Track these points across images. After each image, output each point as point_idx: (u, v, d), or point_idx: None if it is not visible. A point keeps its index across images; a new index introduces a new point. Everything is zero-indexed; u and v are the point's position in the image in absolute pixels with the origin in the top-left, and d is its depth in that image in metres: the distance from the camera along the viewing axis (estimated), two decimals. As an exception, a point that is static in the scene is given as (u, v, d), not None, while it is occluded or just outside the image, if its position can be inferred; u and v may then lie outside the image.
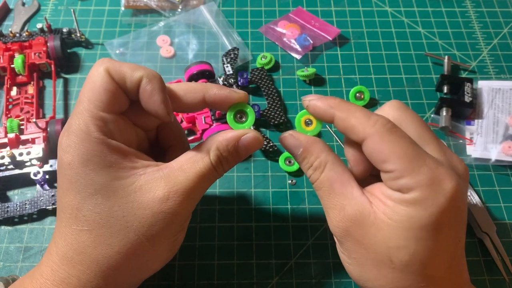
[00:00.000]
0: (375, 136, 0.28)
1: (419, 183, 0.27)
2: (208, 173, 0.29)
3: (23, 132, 0.44)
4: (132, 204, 0.28)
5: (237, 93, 0.31)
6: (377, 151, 0.28)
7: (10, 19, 0.55)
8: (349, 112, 0.29)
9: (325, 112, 0.30)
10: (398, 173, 0.27)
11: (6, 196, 0.43)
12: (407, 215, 0.27)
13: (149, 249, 0.29)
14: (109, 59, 0.29)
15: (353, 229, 0.29)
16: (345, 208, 0.29)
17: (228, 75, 0.48)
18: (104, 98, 0.28)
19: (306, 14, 0.56)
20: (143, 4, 0.56)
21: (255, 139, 0.30)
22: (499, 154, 0.45)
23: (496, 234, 0.41)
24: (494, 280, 0.39)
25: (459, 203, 0.28)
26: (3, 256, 0.39)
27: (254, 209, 0.42)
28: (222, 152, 0.30)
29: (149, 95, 0.28)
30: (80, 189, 0.28)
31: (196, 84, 0.31)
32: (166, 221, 0.28)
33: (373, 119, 0.28)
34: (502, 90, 0.49)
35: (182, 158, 0.30)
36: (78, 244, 0.28)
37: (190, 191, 0.29)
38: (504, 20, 0.57)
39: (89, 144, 0.27)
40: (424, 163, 0.27)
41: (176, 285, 0.38)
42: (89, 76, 0.28)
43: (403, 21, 0.57)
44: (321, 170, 0.30)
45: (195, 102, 0.31)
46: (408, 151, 0.27)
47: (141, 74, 0.28)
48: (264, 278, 0.39)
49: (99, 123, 0.28)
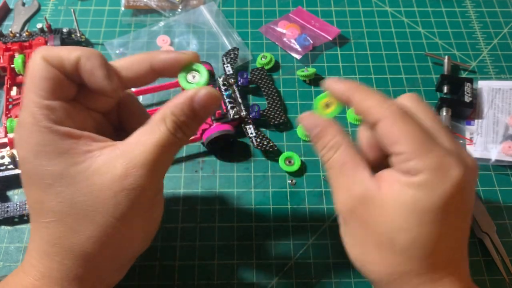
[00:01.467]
0: (388, 119, 0.29)
1: (427, 166, 0.27)
2: (167, 141, 0.28)
3: (23, 132, 0.44)
4: (92, 187, 0.27)
5: (185, 53, 0.30)
6: (389, 133, 0.29)
7: (10, 19, 0.55)
8: (366, 94, 0.30)
9: (343, 93, 0.31)
10: (408, 155, 0.28)
11: (6, 196, 0.43)
12: (413, 197, 0.27)
13: (121, 229, 0.28)
14: (46, 47, 0.28)
15: (358, 208, 0.29)
16: (353, 188, 0.30)
17: (228, 75, 0.48)
18: (46, 86, 0.27)
19: (306, 14, 0.56)
20: (143, 4, 0.56)
21: (209, 94, 0.29)
22: (499, 154, 0.45)
23: (496, 234, 0.41)
24: (494, 280, 0.39)
25: (465, 192, 0.28)
26: (3, 256, 0.39)
27: (254, 209, 0.42)
28: (178, 116, 0.29)
29: (90, 73, 0.28)
30: (39, 182, 0.27)
31: (141, 54, 0.30)
32: (131, 198, 0.27)
33: (388, 103, 0.29)
34: (502, 90, 0.49)
35: (138, 132, 0.29)
36: (49, 236, 0.28)
37: (150, 163, 0.27)
38: (504, 20, 0.57)
39: (38, 134, 0.27)
40: (433, 148, 0.28)
41: (176, 285, 0.38)
42: (27, 67, 0.28)
43: (403, 21, 0.57)
44: (335, 150, 0.31)
45: (143, 73, 0.30)
46: (419, 135, 0.28)
47: (78, 54, 0.28)
48: (264, 278, 0.39)
49: (45, 111, 0.27)
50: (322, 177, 0.44)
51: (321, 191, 0.43)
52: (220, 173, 0.44)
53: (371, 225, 0.29)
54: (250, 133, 0.45)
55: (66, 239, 0.28)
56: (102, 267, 0.29)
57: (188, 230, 0.41)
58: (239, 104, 0.46)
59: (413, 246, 0.28)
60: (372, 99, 0.30)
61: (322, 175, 0.44)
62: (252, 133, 0.45)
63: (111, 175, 0.27)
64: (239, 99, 0.47)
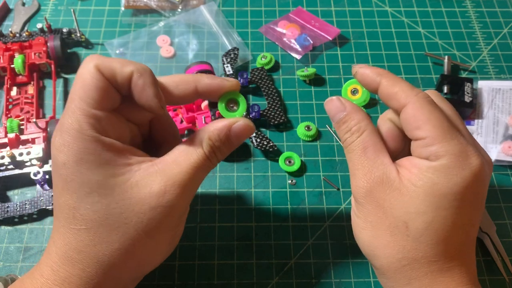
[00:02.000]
0: (415, 103, 0.30)
1: (448, 152, 0.28)
2: (202, 164, 0.30)
3: (23, 132, 0.44)
4: (129, 201, 0.28)
5: (228, 81, 0.31)
6: (414, 117, 0.29)
7: (10, 19, 0.55)
8: (395, 80, 0.31)
9: (373, 79, 0.32)
10: (430, 140, 0.29)
11: (6, 196, 0.43)
12: (431, 181, 0.28)
13: (149, 243, 0.29)
14: (98, 56, 0.29)
15: (376, 190, 0.30)
16: (372, 171, 0.30)
17: (228, 75, 0.48)
18: (96, 96, 0.28)
19: (306, 14, 0.56)
20: (143, 4, 0.56)
21: (246, 126, 0.31)
22: (499, 154, 0.45)
23: (496, 234, 0.41)
24: (494, 280, 0.39)
25: (482, 184, 0.29)
26: (3, 256, 0.39)
27: (254, 209, 0.42)
28: (214, 142, 0.30)
29: (141, 89, 0.28)
30: (76, 189, 0.28)
31: (187, 75, 0.31)
32: (164, 215, 0.28)
33: (416, 90, 0.30)
34: (502, 90, 0.49)
35: (176, 151, 0.30)
36: (77, 243, 0.28)
37: (186, 183, 0.29)
38: (504, 20, 0.57)
39: (82, 142, 0.27)
40: (455, 137, 0.29)
41: (176, 285, 0.38)
42: (79, 74, 0.28)
43: (403, 21, 0.57)
44: (359, 134, 0.32)
45: (187, 93, 0.31)
46: (443, 123, 0.29)
47: (131, 68, 0.28)
48: (264, 278, 0.39)
49: (92, 121, 0.28)
50: (322, 177, 0.44)
51: (321, 191, 0.43)
52: (220, 173, 0.44)
53: (386, 208, 0.30)
54: (250, 133, 0.45)
55: (94, 247, 0.28)
56: (123, 277, 0.30)
57: (188, 230, 0.41)
58: (239, 104, 0.46)
59: (427, 231, 0.28)
60: (401, 84, 0.31)
61: (322, 175, 0.44)
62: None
63: (149, 190, 0.28)
64: (239, 99, 0.47)
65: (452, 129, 0.29)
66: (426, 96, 0.30)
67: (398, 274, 0.30)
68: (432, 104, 0.30)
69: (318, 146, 0.46)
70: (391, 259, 0.30)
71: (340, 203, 0.43)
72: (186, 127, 0.45)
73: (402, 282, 0.30)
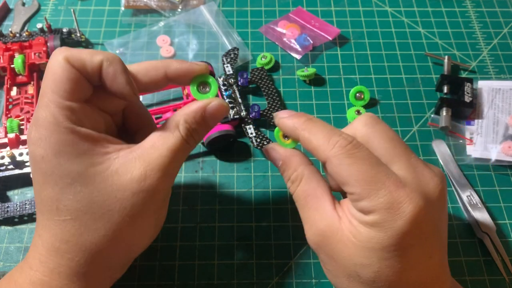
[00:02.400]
0: (333, 159, 0.28)
1: (376, 207, 0.27)
2: (180, 146, 0.30)
3: (23, 132, 0.44)
4: (111, 188, 0.28)
5: (198, 65, 0.32)
6: (336, 174, 0.29)
7: (10, 19, 0.55)
8: (310, 133, 0.30)
9: (291, 131, 0.32)
10: (357, 195, 0.28)
11: (6, 196, 0.43)
12: (368, 236, 0.27)
13: (135, 228, 0.29)
14: (66, 48, 0.29)
15: (323, 243, 0.30)
16: (316, 223, 0.30)
17: (228, 75, 0.48)
18: (68, 87, 0.28)
19: (306, 14, 0.56)
20: (143, 4, 0.56)
21: (220, 106, 0.31)
22: (499, 154, 0.45)
23: (496, 234, 0.41)
24: (494, 280, 0.39)
25: (422, 224, 0.27)
26: (3, 256, 0.39)
27: (254, 209, 0.42)
28: (190, 124, 0.30)
29: (112, 77, 0.29)
30: (57, 181, 0.28)
31: (156, 61, 0.31)
32: (147, 199, 0.29)
33: (333, 141, 0.29)
34: (502, 90, 0.49)
35: (153, 136, 0.30)
36: (63, 233, 0.28)
37: (166, 167, 0.29)
38: (504, 20, 0.57)
39: (59, 135, 0.27)
40: (383, 185, 0.27)
41: (176, 285, 0.38)
42: (49, 67, 0.28)
43: (403, 21, 0.57)
44: (297, 183, 0.31)
45: (157, 79, 0.31)
46: (366, 173, 0.27)
47: (101, 57, 0.28)
48: (264, 278, 0.39)
49: (66, 112, 0.28)
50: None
51: (321, 191, 0.43)
52: (220, 173, 0.44)
53: (337, 259, 0.29)
54: (250, 133, 0.45)
55: (80, 236, 0.28)
56: (112, 263, 0.30)
57: (188, 230, 0.41)
58: (239, 104, 0.46)
59: (378, 279, 0.28)
60: (318, 137, 0.30)
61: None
62: (252, 133, 0.45)
63: (129, 176, 0.28)
64: (239, 99, 0.47)
65: (378, 178, 0.27)
66: (343, 146, 0.28)
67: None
68: (351, 156, 0.28)
69: (318, 146, 0.46)
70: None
71: (340, 203, 0.43)
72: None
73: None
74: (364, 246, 0.28)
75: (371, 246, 0.27)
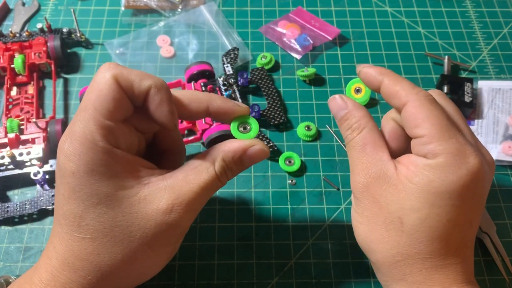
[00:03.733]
0: (415, 102, 0.30)
1: (445, 150, 0.28)
2: (212, 183, 0.30)
3: (23, 132, 0.44)
4: (136, 215, 0.28)
5: (240, 106, 0.32)
6: (414, 115, 0.30)
7: (10, 19, 0.55)
8: (396, 80, 0.31)
9: (375, 78, 0.32)
10: (428, 138, 0.29)
11: (6, 196, 0.43)
12: (427, 179, 0.28)
13: (150, 256, 0.29)
14: (116, 65, 0.28)
15: (373, 186, 0.30)
16: (370, 166, 0.31)
17: (228, 75, 0.48)
18: (111, 107, 0.27)
19: (306, 14, 0.56)
20: (143, 4, 0.56)
21: (261, 151, 0.31)
22: (499, 154, 0.45)
23: (496, 234, 0.41)
24: (494, 280, 0.39)
25: (479, 183, 0.29)
26: (3, 256, 0.39)
27: (254, 209, 0.42)
28: (228, 163, 0.30)
29: (157, 105, 0.28)
30: (84, 199, 0.27)
31: (200, 94, 0.31)
32: (169, 232, 0.29)
33: (417, 89, 0.31)
34: (502, 90, 0.49)
35: (186, 168, 0.30)
36: (81, 251, 0.28)
37: (193, 203, 0.29)
38: (504, 20, 0.57)
39: (94, 153, 0.27)
40: (454, 135, 0.29)
41: (176, 285, 0.38)
42: (96, 82, 0.28)
43: (403, 21, 0.57)
44: (359, 131, 0.32)
45: (199, 112, 0.31)
46: (442, 121, 0.29)
47: (150, 83, 0.28)
48: (264, 278, 0.39)
49: (105, 132, 0.27)
50: (322, 177, 0.44)
51: (321, 191, 0.43)
52: (220, 173, 0.44)
53: (382, 204, 0.30)
54: (250, 133, 0.45)
55: (97, 256, 0.28)
56: (121, 285, 0.30)
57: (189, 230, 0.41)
58: (239, 104, 0.46)
59: (421, 227, 0.28)
60: (402, 83, 0.31)
61: (322, 175, 0.44)
62: (252, 133, 0.45)
63: (156, 206, 0.28)
64: (239, 99, 0.47)
65: (451, 128, 0.29)
66: (426, 94, 0.30)
67: (392, 269, 0.30)
68: (432, 103, 0.30)
69: (318, 146, 0.46)
70: (386, 253, 0.30)
71: (340, 203, 0.43)
72: (186, 127, 0.45)
73: (397, 277, 0.30)
74: (419, 189, 0.28)
75: (427, 189, 0.28)
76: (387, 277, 0.31)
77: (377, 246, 0.30)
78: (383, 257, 0.30)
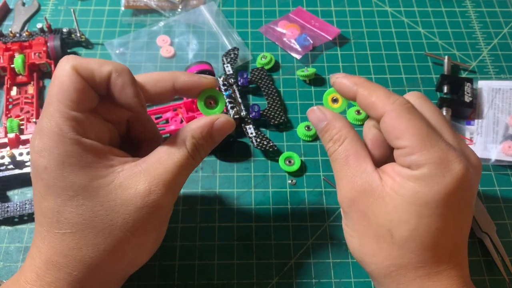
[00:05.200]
0: (392, 113, 0.29)
1: (428, 160, 0.28)
2: (186, 162, 0.30)
3: (23, 132, 0.44)
4: (114, 202, 0.28)
5: (206, 79, 0.32)
6: (393, 127, 0.29)
7: (10, 19, 0.55)
8: (371, 90, 0.31)
9: (350, 88, 0.32)
10: (410, 149, 0.28)
11: (6, 196, 0.43)
12: (413, 190, 0.28)
13: (135, 244, 0.29)
14: (74, 56, 0.28)
15: (359, 200, 0.30)
16: (355, 180, 0.30)
17: (228, 75, 0.48)
18: (74, 97, 0.27)
19: (306, 14, 0.56)
20: (143, 4, 0.56)
21: (227, 122, 0.31)
22: (499, 154, 0.45)
23: (496, 234, 0.41)
24: (494, 280, 0.39)
25: (466, 188, 0.28)
26: (3, 256, 0.39)
27: (254, 209, 0.42)
28: (197, 140, 0.30)
29: (121, 89, 0.28)
30: (59, 193, 0.27)
31: (164, 73, 0.31)
32: (150, 215, 0.28)
33: (393, 98, 0.30)
34: (502, 90, 0.49)
35: (159, 151, 0.30)
36: (63, 247, 0.28)
37: (170, 183, 0.29)
38: (504, 20, 0.57)
39: (63, 145, 0.27)
40: (436, 143, 0.28)
41: (176, 285, 0.38)
42: (56, 75, 0.28)
43: (403, 21, 0.57)
44: (340, 143, 0.32)
45: (165, 91, 0.31)
46: (422, 130, 0.28)
47: (109, 68, 0.28)
48: (264, 278, 0.39)
49: (72, 123, 0.27)
50: (322, 177, 0.44)
51: (321, 191, 0.43)
52: (220, 173, 0.44)
53: (371, 217, 0.30)
54: (250, 133, 0.45)
55: (80, 250, 0.28)
56: (110, 278, 0.30)
57: (188, 230, 0.41)
58: (239, 104, 0.46)
59: (411, 239, 0.28)
60: (378, 93, 0.30)
61: (322, 175, 0.44)
62: (252, 133, 0.45)
63: (134, 191, 0.28)
64: (239, 99, 0.47)
65: (432, 136, 0.28)
66: (403, 102, 0.29)
67: (387, 279, 0.30)
68: (409, 111, 0.29)
69: (318, 146, 0.46)
70: (379, 265, 0.30)
71: (340, 203, 0.43)
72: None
73: (392, 286, 0.30)
74: (405, 200, 0.28)
75: (413, 201, 0.28)
76: (383, 286, 0.31)
77: (370, 259, 0.30)
78: (377, 269, 0.30)
